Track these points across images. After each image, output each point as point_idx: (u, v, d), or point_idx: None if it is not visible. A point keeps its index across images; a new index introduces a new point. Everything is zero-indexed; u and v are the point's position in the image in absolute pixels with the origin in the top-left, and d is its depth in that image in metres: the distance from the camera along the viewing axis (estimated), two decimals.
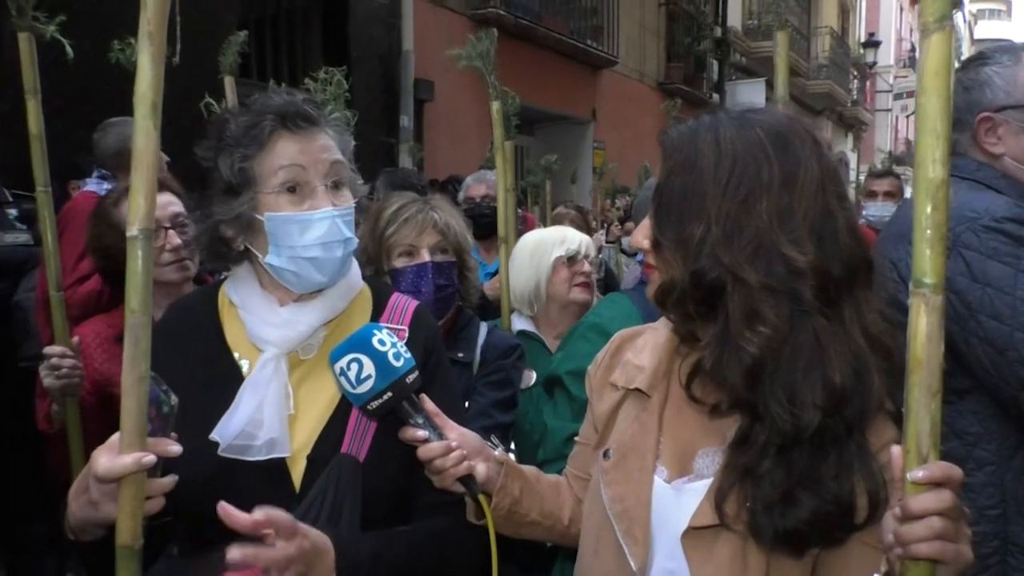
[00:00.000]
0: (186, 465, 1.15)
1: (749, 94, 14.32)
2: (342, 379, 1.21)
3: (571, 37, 10.68)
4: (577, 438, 1.46)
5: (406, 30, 7.91)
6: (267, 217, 1.28)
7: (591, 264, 2.63)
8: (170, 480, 1.12)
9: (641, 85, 13.23)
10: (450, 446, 1.23)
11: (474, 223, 3.68)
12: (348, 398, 1.24)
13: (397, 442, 1.26)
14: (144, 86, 1.06)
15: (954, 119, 1.73)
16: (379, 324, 1.29)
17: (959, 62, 1.88)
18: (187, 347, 1.35)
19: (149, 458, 1.05)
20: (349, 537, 1.22)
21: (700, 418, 1.19)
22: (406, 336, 1.38)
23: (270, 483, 1.23)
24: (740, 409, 1.12)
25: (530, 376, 2.39)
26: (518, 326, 2.65)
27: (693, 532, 1.14)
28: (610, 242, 5.98)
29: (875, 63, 23.02)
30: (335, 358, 1.21)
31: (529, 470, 1.41)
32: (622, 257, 5.44)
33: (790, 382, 1.07)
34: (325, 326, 1.36)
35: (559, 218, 5.39)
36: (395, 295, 1.48)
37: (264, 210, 1.28)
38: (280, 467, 1.26)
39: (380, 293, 1.47)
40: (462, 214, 2.21)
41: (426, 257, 1.98)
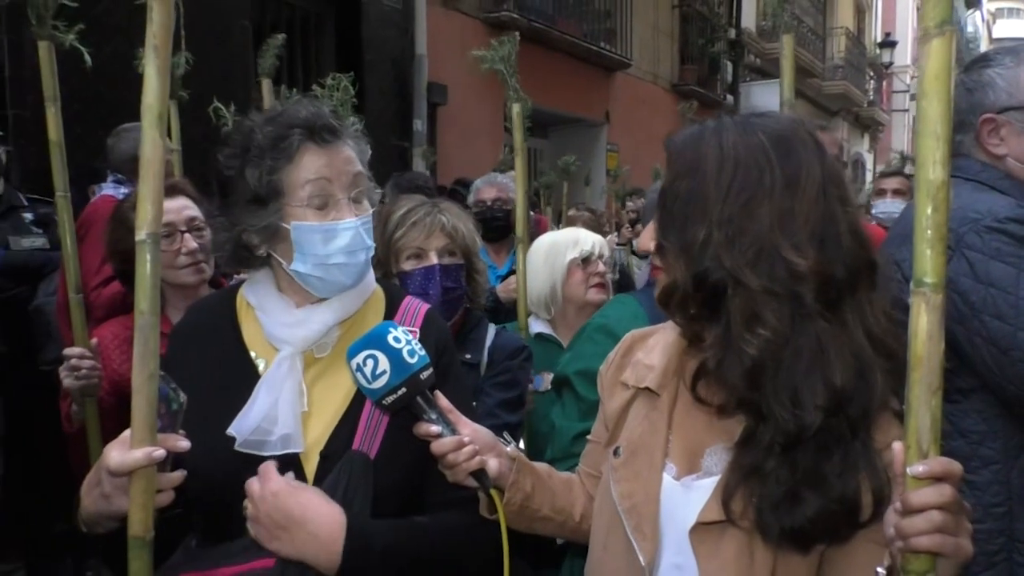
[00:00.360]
0: (204, 459, 1.19)
1: (764, 95, 14.22)
2: (358, 374, 1.24)
3: (584, 40, 10.66)
4: (589, 436, 1.47)
5: (419, 34, 7.91)
6: (294, 227, 1.32)
7: (605, 264, 2.63)
8: (179, 474, 1.17)
9: (655, 87, 13.20)
10: (462, 441, 1.25)
11: (485, 226, 3.70)
12: (364, 393, 1.27)
13: (407, 440, 1.29)
14: (151, 97, 1.09)
15: (958, 121, 1.75)
16: (394, 322, 1.32)
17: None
18: (206, 347, 1.39)
19: (159, 452, 1.10)
20: (365, 523, 1.25)
21: (708, 417, 1.21)
22: (418, 338, 1.41)
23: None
24: (744, 409, 1.14)
25: (547, 379, 2.40)
26: (535, 329, 2.67)
27: (701, 527, 1.15)
28: (621, 244, 5.98)
29: (891, 63, 22.79)
30: (352, 354, 1.24)
31: (541, 467, 1.43)
32: (633, 259, 5.44)
33: (791, 383, 1.08)
34: (339, 326, 1.40)
35: (572, 220, 5.41)
36: (407, 298, 1.51)
37: (291, 220, 1.32)
38: (294, 462, 1.30)
39: (393, 296, 1.51)
40: (472, 217, 2.22)
41: (434, 260, 2.00)
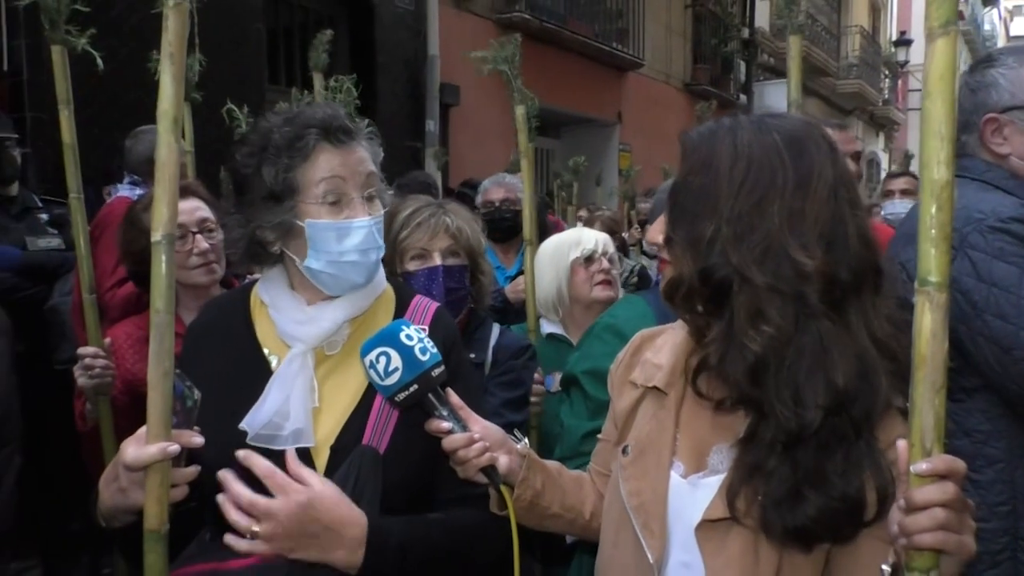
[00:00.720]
0: (217, 454, 1.21)
1: (777, 95, 14.15)
2: (371, 371, 1.26)
3: (596, 40, 10.64)
4: (599, 435, 1.48)
5: (431, 35, 7.93)
6: (308, 224, 1.34)
7: (611, 261, 2.63)
8: (193, 470, 1.19)
9: (667, 87, 13.16)
10: (472, 438, 1.27)
11: (493, 226, 3.70)
12: (377, 389, 1.29)
13: (417, 435, 1.31)
14: (166, 103, 1.11)
15: (962, 121, 1.75)
16: (407, 320, 1.35)
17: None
18: (221, 344, 1.42)
19: (174, 447, 1.13)
20: (381, 520, 1.27)
21: (714, 415, 1.21)
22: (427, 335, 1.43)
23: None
24: (746, 406, 1.15)
25: (557, 380, 2.41)
26: (546, 329, 2.68)
27: (706, 525, 1.16)
28: (631, 245, 5.97)
29: (907, 62, 22.56)
30: (365, 351, 1.27)
31: (552, 464, 1.44)
32: (643, 259, 5.43)
33: (793, 381, 1.09)
34: (349, 323, 1.42)
35: (590, 221, 5.41)
36: (417, 297, 1.54)
37: (305, 217, 1.34)
38: (305, 456, 1.32)
39: (402, 294, 1.53)
40: (478, 218, 2.23)
41: (437, 261, 2.00)
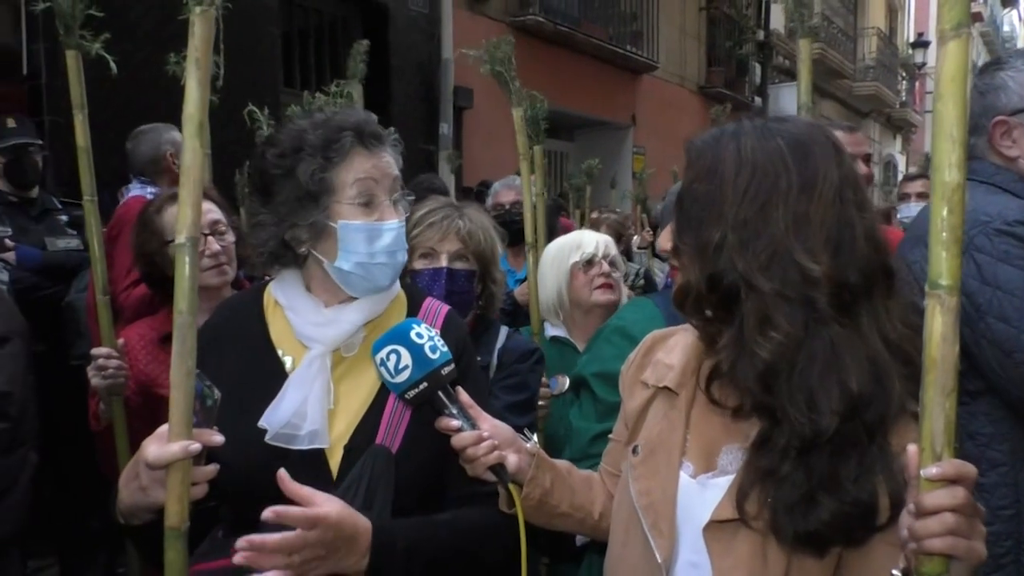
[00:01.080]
0: (232, 452, 1.23)
1: (793, 97, 14.01)
2: (382, 368, 1.28)
3: (610, 43, 10.65)
4: (611, 436, 1.48)
5: (446, 38, 7.96)
6: (341, 225, 1.37)
7: (612, 264, 2.62)
8: (213, 468, 1.20)
9: (681, 89, 13.14)
10: (481, 436, 1.28)
11: (503, 229, 3.70)
12: (388, 386, 1.30)
13: (428, 435, 1.32)
14: (192, 108, 1.13)
15: (971, 124, 1.74)
16: (418, 319, 1.36)
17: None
18: (234, 344, 1.44)
19: (195, 446, 1.14)
20: (387, 523, 1.28)
21: (725, 416, 1.21)
22: None
23: (309, 471, 1.29)
24: (759, 412, 1.14)
25: (563, 382, 2.41)
26: (550, 332, 2.68)
27: (714, 525, 1.16)
28: (642, 248, 5.96)
29: (924, 63, 22.40)
30: (376, 349, 1.28)
31: (561, 463, 1.44)
32: (655, 262, 5.42)
33: (807, 387, 1.08)
34: (365, 326, 1.43)
35: (596, 223, 5.41)
36: (428, 299, 1.55)
37: (338, 218, 1.37)
38: (319, 456, 1.34)
39: (414, 297, 1.55)
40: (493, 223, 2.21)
41: (443, 263, 2.00)
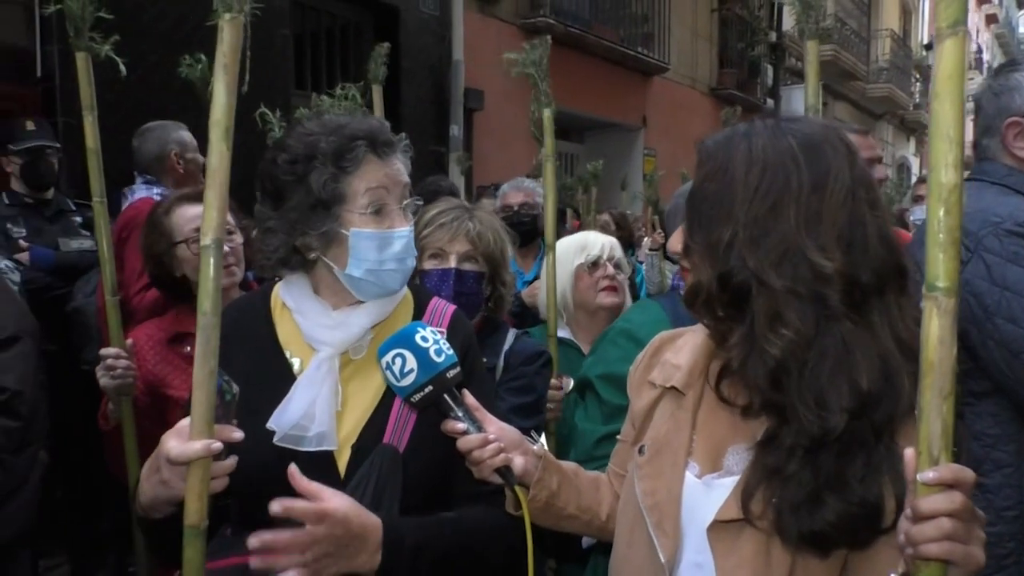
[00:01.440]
0: (242, 452, 1.24)
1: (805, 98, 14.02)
2: (387, 372, 1.29)
3: (621, 44, 10.63)
4: (618, 436, 1.49)
5: (456, 40, 7.97)
6: (352, 233, 1.38)
7: (617, 266, 2.61)
8: (231, 462, 1.21)
9: (693, 91, 13.09)
10: (487, 438, 1.29)
11: (511, 231, 3.69)
12: (393, 390, 1.31)
13: (435, 435, 1.33)
14: (219, 113, 1.15)
15: (985, 125, 1.74)
16: (423, 322, 1.37)
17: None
18: (242, 345, 1.44)
19: (217, 445, 1.15)
20: (395, 520, 1.29)
21: (732, 416, 1.21)
22: (444, 338, 1.44)
23: (318, 471, 1.30)
24: (768, 410, 1.14)
25: (568, 383, 2.41)
26: (556, 333, 2.68)
27: (718, 525, 1.16)
28: (653, 250, 5.94)
29: None
30: (382, 353, 1.29)
31: (568, 465, 1.45)
32: (666, 264, 5.40)
33: (816, 385, 1.08)
34: (372, 328, 1.44)
35: (596, 224, 5.42)
36: (434, 299, 1.56)
37: (349, 226, 1.38)
38: (327, 456, 1.35)
39: (420, 298, 1.56)
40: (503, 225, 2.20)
41: (452, 264, 2.01)
